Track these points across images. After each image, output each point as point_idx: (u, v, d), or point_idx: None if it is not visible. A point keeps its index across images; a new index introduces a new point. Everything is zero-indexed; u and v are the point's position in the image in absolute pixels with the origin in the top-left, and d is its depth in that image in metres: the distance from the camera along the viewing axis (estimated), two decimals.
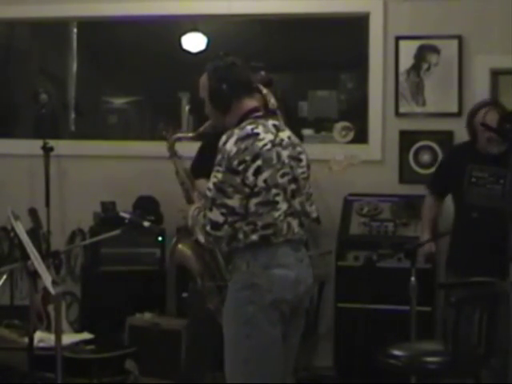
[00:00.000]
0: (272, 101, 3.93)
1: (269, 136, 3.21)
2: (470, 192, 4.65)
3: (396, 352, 4.04)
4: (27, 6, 6.18)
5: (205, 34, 6.98)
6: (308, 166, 3.36)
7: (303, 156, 3.34)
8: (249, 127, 3.20)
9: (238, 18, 6.24)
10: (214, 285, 3.73)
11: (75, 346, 4.95)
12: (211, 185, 3.16)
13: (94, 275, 5.74)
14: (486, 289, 4.14)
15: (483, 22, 5.57)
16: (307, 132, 6.08)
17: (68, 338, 4.88)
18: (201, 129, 3.56)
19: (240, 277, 3.20)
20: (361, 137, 5.90)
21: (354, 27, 5.99)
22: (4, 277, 5.35)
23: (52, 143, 5.88)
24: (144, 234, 5.49)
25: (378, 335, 4.89)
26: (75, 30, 7.43)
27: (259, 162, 3.14)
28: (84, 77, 7.59)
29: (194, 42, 7.04)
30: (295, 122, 5.57)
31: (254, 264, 3.17)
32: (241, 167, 3.12)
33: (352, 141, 5.93)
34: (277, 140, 3.23)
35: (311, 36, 6.68)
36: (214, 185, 3.15)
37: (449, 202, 4.97)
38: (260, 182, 3.15)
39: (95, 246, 5.64)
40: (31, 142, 6.04)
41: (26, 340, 4.08)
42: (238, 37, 6.61)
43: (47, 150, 5.85)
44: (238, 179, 3.12)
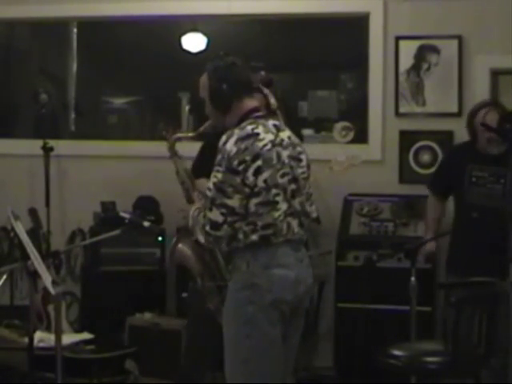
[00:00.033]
0: (272, 101, 3.94)
1: (269, 136, 3.20)
2: (471, 192, 4.65)
3: (396, 352, 4.04)
4: (27, 6, 6.18)
5: (205, 34, 6.98)
6: (308, 166, 3.36)
7: (303, 156, 3.34)
8: (249, 127, 3.19)
9: (238, 18, 6.24)
10: (214, 285, 3.73)
11: (75, 346, 4.95)
12: (211, 185, 3.15)
13: (94, 275, 5.74)
14: (486, 289, 4.13)
15: (483, 22, 5.57)
16: (307, 132, 6.07)
17: (68, 338, 4.88)
18: (201, 128, 3.56)
19: (240, 277, 3.20)
20: (361, 137, 5.90)
21: (354, 27, 5.99)
22: (4, 277, 5.34)
23: (52, 143, 5.88)
24: (144, 234, 5.49)
25: (378, 335, 4.89)
26: (75, 30, 7.42)
27: (259, 162, 3.14)
28: (84, 77, 7.59)
29: (194, 42, 7.03)
30: (295, 122, 5.56)
31: (254, 264, 3.16)
32: (241, 167, 3.12)
33: (352, 141, 5.93)
34: (277, 140, 3.22)
35: (311, 36, 6.68)
36: (214, 185, 3.14)
37: (449, 202, 4.97)
38: (260, 182, 3.14)
39: (95, 246, 5.64)
40: (31, 142, 6.04)
41: (26, 340, 4.07)
42: (238, 37, 6.60)
43: (47, 150, 5.85)
44: (238, 179, 3.12)
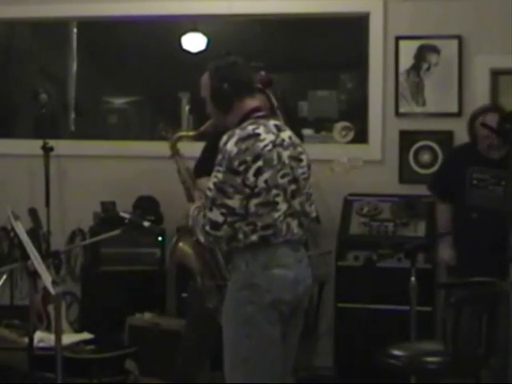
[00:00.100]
0: (274, 101, 3.94)
1: (270, 136, 3.20)
2: (472, 194, 4.64)
3: (396, 352, 4.03)
4: (27, 6, 6.18)
5: (205, 34, 6.98)
6: (308, 167, 3.35)
7: (304, 156, 3.34)
8: (250, 127, 3.19)
9: (238, 18, 6.24)
10: (214, 284, 3.74)
11: (75, 346, 4.95)
12: (211, 185, 3.15)
13: (94, 275, 5.74)
14: (486, 289, 4.14)
15: (483, 22, 5.57)
16: (307, 132, 6.07)
17: (68, 338, 4.88)
18: (202, 128, 3.56)
19: (239, 277, 3.20)
20: (361, 137, 5.90)
21: (354, 27, 5.99)
22: (4, 277, 5.35)
23: (52, 143, 5.88)
24: (144, 234, 5.50)
25: (378, 335, 4.88)
26: (75, 30, 7.42)
27: (260, 163, 3.13)
28: (84, 77, 7.59)
29: (194, 42, 7.03)
30: (295, 122, 5.56)
31: (254, 264, 3.16)
32: (241, 168, 3.11)
33: (352, 141, 5.93)
34: (278, 140, 3.22)
35: (311, 36, 6.68)
36: (215, 185, 3.14)
37: None
38: (260, 183, 3.14)
39: (95, 246, 5.64)
40: (31, 142, 6.04)
41: (26, 340, 4.08)
42: (238, 37, 6.60)
43: (47, 150, 5.85)
44: (239, 180, 3.12)
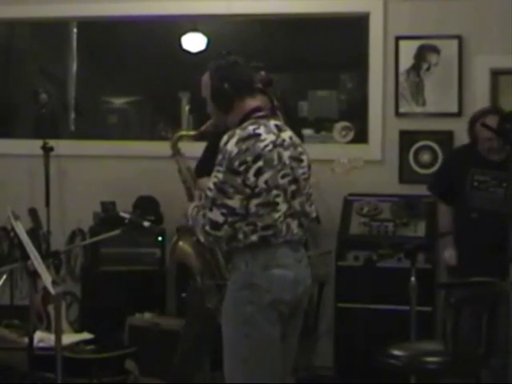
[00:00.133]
0: (273, 101, 3.94)
1: (270, 137, 3.19)
2: (473, 196, 4.64)
3: (396, 352, 4.04)
4: (27, 6, 6.18)
5: (205, 34, 6.98)
6: (309, 167, 3.35)
7: (304, 156, 3.33)
8: (250, 127, 3.18)
9: (238, 18, 6.24)
10: (214, 283, 3.74)
11: (75, 346, 4.96)
12: (211, 185, 3.15)
13: (94, 275, 5.74)
14: (486, 289, 4.14)
15: (483, 22, 5.58)
16: (307, 132, 6.07)
17: (68, 338, 4.88)
18: (203, 127, 3.57)
19: (239, 277, 3.19)
20: (361, 137, 5.90)
21: (354, 27, 5.99)
22: (4, 277, 5.36)
23: (52, 143, 5.88)
24: (144, 234, 5.50)
25: (378, 335, 4.88)
26: (75, 30, 7.42)
27: (260, 163, 3.13)
28: (84, 77, 7.58)
29: (194, 42, 7.03)
30: (295, 122, 5.55)
31: (253, 264, 3.16)
32: (242, 168, 3.11)
33: (352, 141, 5.93)
34: (278, 141, 3.21)
35: (311, 36, 6.67)
36: (215, 185, 3.14)
37: None
38: (261, 183, 3.13)
39: (95, 246, 5.64)
40: (31, 142, 6.04)
41: (26, 340, 4.08)
42: (238, 37, 6.60)
43: (47, 150, 5.85)
44: (239, 180, 3.11)
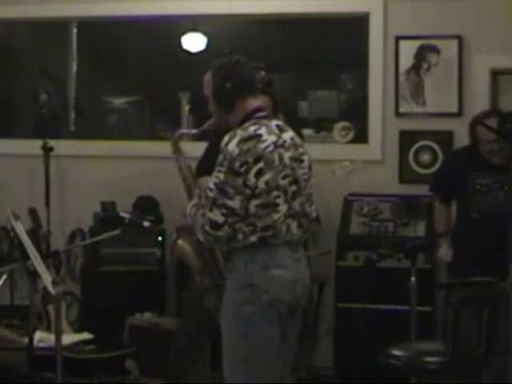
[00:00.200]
0: (276, 101, 3.94)
1: (271, 137, 3.19)
2: (475, 199, 4.63)
3: (396, 352, 4.04)
4: (27, 6, 6.18)
5: (205, 34, 6.99)
6: (309, 167, 3.35)
7: (305, 157, 3.33)
8: (252, 128, 3.18)
9: (238, 18, 6.24)
10: (213, 282, 3.74)
11: (75, 346, 4.96)
12: (212, 185, 3.14)
13: (94, 275, 5.74)
14: (486, 289, 4.14)
15: (483, 22, 5.58)
16: (307, 132, 6.07)
17: (68, 338, 4.88)
18: (204, 126, 3.57)
19: (238, 277, 3.19)
20: (361, 137, 5.90)
21: (354, 27, 5.99)
22: (4, 277, 5.36)
23: (52, 143, 5.88)
24: (144, 234, 5.50)
25: (378, 335, 4.88)
26: (75, 30, 7.42)
27: (261, 164, 3.12)
28: (84, 77, 7.59)
29: (194, 42, 7.04)
30: (295, 122, 5.53)
31: (252, 264, 3.16)
32: (242, 169, 3.10)
33: (352, 141, 5.93)
34: (279, 141, 3.21)
35: (311, 36, 6.68)
36: (216, 185, 3.13)
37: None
38: (261, 184, 3.13)
39: (95, 246, 5.64)
40: (31, 142, 6.04)
41: (26, 340, 4.08)
42: (238, 37, 6.60)
43: (47, 150, 5.85)
44: (240, 180, 3.11)
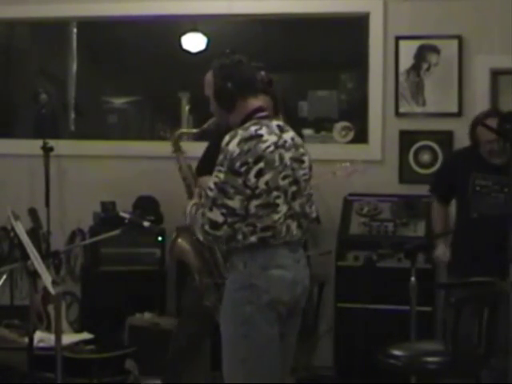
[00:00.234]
0: (277, 101, 3.94)
1: (272, 138, 3.19)
2: (475, 200, 4.63)
3: (396, 352, 4.03)
4: (27, 6, 6.18)
5: (205, 34, 6.99)
6: (310, 168, 3.35)
7: (306, 157, 3.32)
8: (252, 128, 3.17)
9: (238, 18, 6.24)
10: (212, 282, 3.74)
11: (75, 346, 4.95)
12: (212, 185, 3.14)
13: (94, 275, 5.74)
14: (486, 289, 4.14)
15: (483, 22, 5.58)
16: (307, 132, 6.07)
17: (68, 338, 4.88)
18: (205, 125, 3.57)
19: (237, 277, 3.19)
20: (361, 137, 5.90)
21: (354, 27, 5.99)
22: (4, 277, 5.36)
23: (52, 143, 5.88)
24: (144, 234, 5.50)
25: (378, 335, 4.88)
26: (75, 30, 7.42)
27: (261, 165, 3.12)
28: (84, 77, 7.59)
29: (194, 42, 7.04)
30: (295, 122, 5.54)
31: (252, 264, 3.15)
32: (243, 169, 3.10)
33: (352, 141, 5.93)
34: (280, 142, 3.21)
35: (311, 36, 6.68)
36: (216, 185, 3.13)
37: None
38: (261, 184, 3.13)
39: (95, 246, 5.64)
40: (31, 142, 6.04)
41: (26, 340, 4.07)
42: (238, 37, 6.60)
43: (47, 150, 5.85)
44: (240, 180, 3.11)
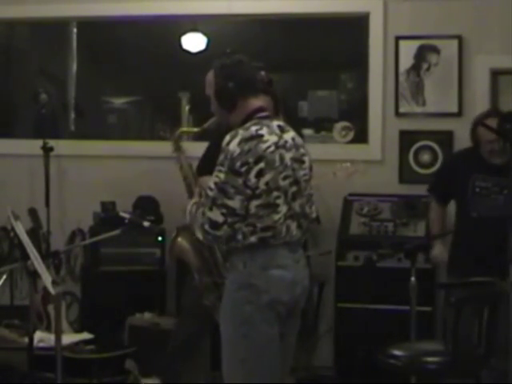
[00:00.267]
0: (278, 101, 3.94)
1: (273, 138, 3.18)
2: (475, 202, 4.63)
3: (396, 352, 4.04)
4: (27, 6, 6.18)
5: (205, 34, 6.99)
6: (310, 168, 3.34)
7: (306, 158, 3.32)
8: (253, 128, 3.17)
9: (238, 18, 6.24)
10: (211, 281, 3.74)
11: (75, 346, 4.96)
12: (212, 184, 3.14)
13: (94, 275, 5.74)
14: (486, 289, 4.14)
15: (483, 22, 5.58)
16: (307, 132, 6.07)
17: (68, 338, 4.88)
18: (205, 125, 3.58)
19: (237, 277, 3.19)
20: (361, 137, 5.90)
21: (354, 27, 5.99)
22: (4, 277, 5.36)
23: (52, 143, 5.88)
24: (144, 234, 5.50)
25: (378, 335, 4.88)
26: (75, 30, 7.42)
27: (262, 165, 3.12)
28: (84, 77, 7.59)
29: (194, 42, 7.04)
30: (295, 122, 5.53)
31: (252, 265, 3.15)
32: (243, 169, 3.10)
33: (352, 141, 5.93)
34: (280, 142, 3.20)
35: (311, 36, 6.68)
36: (216, 184, 3.13)
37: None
38: (262, 185, 3.13)
39: (95, 246, 5.64)
40: (31, 142, 6.03)
41: (26, 340, 4.08)
42: (238, 37, 6.60)
43: (47, 150, 5.85)
44: (240, 180, 3.10)
